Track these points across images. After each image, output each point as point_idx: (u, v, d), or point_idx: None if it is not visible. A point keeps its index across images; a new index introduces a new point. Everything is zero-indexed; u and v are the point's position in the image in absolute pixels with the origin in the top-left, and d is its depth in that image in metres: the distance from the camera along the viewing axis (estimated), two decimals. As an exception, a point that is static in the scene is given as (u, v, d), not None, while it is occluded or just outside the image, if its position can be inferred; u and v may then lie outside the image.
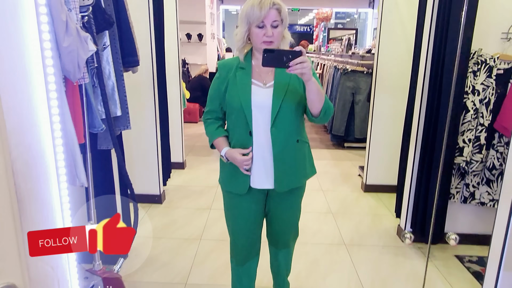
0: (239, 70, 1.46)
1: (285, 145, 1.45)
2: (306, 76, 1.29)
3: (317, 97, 1.36)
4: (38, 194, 0.68)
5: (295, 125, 1.48)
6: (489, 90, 2.33)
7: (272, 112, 1.41)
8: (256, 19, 1.35)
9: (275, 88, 1.43)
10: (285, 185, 1.50)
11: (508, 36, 2.29)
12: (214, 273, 2.23)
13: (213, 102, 1.54)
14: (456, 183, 2.54)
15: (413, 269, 2.35)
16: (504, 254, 1.65)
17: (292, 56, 1.26)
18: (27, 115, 0.65)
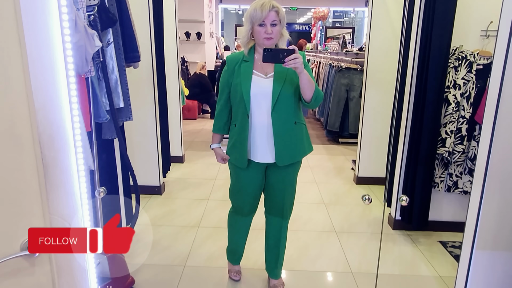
0: (243, 63, 1.74)
1: (284, 126, 1.71)
2: (299, 69, 1.56)
3: (308, 85, 1.63)
4: (59, 161, 0.82)
5: (293, 110, 1.73)
6: (470, 84, 2.47)
7: (273, 99, 1.68)
8: (258, 19, 1.62)
9: (275, 79, 1.69)
10: (285, 160, 1.76)
11: (487, 33, 2.43)
12: (211, 257, 2.37)
13: (224, 91, 1.82)
14: (440, 173, 2.69)
15: (400, 253, 2.49)
16: (477, 234, 1.80)
17: (287, 53, 1.53)
18: (51, 95, 0.79)
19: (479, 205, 1.77)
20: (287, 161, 1.76)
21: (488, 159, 1.72)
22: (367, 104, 3.52)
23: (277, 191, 1.88)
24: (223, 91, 1.82)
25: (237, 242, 2.09)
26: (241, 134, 1.75)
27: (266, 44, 1.64)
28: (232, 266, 2.17)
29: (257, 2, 1.64)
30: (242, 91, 1.69)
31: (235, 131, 1.79)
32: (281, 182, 1.85)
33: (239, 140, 1.77)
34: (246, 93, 1.69)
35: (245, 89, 1.69)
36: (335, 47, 8.53)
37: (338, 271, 2.27)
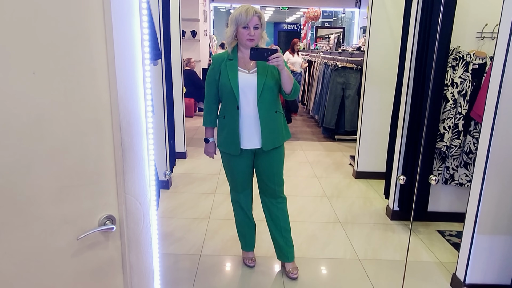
0: (228, 61, 1.94)
1: (268, 115, 1.95)
2: (280, 66, 1.83)
3: (288, 80, 1.90)
4: (135, 146, 0.91)
5: (274, 100, 1.97)
6: (466, 82, 2.64)
7: (257, 91, 1.91)
8: (242, 22, 1.85)
9: (258, 73, 1.92)
10: (269, 145, 1.98)
11: (482, 35, 2.61)
12: (224, 246, 2.47)
13: (210, 87, 2.01)
14: (437, 166, 2.85)
15: (400, 241, 2.65)
16: (478, 220, 1.96)
17: (271, 52, 1.79)
18: (131, 87, 0.88)
19: (480, 192, 1.93)
20: (271, 145, 1.99)
21: (489, 150, 1.88)
22: (366, 101, 3.67)
23: (266, 173, 2.09)
24: (210, 88, 2.01)
25: (243, 222, 2.22)
26: (232, 124, 1.95)
27: (248, 45, 1.87)
28: (246, 253, 2.28)
29: (242, 7, 1.87)
30: (232, 85, 1.90)
31: (225, 123, 1.99)
32: (269, 165, 2.07)
33: (231, 130, 1.96)
34: (235, 87, 1.90)
35: (234, 83, 1.90)
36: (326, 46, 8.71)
37: (347, 258, 2.41)
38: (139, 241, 0.98)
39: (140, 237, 0.98)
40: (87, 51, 0.83)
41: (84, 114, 0.86)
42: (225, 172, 2.16)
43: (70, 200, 0.88)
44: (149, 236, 1.00)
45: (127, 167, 0.91)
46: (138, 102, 0.90)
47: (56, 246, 0.88)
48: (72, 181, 0.87)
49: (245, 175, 2.10)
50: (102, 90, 0.86)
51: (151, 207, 0.99)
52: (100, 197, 0.91)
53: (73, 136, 0.85)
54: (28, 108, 0.79)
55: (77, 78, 0.83)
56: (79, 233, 0.88)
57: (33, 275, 0.88)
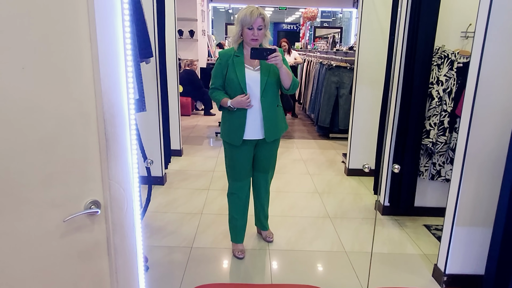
0: (235, 57, 2.10)
1: (270, 109, 2.13)
2: (279, 64, 2.00)
3: (287, 76, 2.08)
4: (118, 136, 0.99)
5: (275, 95, 2.16)
6: (451, 81, 2.72)
7: (261, 86, 2.09)
8: (247, 24, 2.01)
9: (262, 71, 2.10)
10: (272, 136, 2.17)
11: (466, 34, 2.68)
12: (215, 239, 2.55)
13: (217, 79, 2.16)
14: (424, 162, 2.93)
15: (388, 235, 2.72)
16: (456, 212, 2.03)
17: (270, 52, 1.96)
18: (114, 81, 0.95)
19: (458, 186, 2.01)
20: (273, 137, 2.18)
21: (466, 146, 1.95)
22: (357, 100, 3.75)
23: (264, 161, 2.31)
24: (216, 79, 2.16)
25: (237, 213, 2.34)
26: (239, 116, 2.10)
27: (252, 44, 2.04)
28: (236, 245, 2.36)
29: (248, 9, 2.01)
30: (239, 80, 2.06)
31: (232, 114, 2.12)
32: (268, 154, 2.29)
33: (237, 121, 2.11)
34: (242, 82, 2.07)
35: (241, 79, 2.07)
36: (324, 46, 8.79)
37: (333, 250, 2.48)
38: (123, 225, 1.06)
39: (123, 221, 1.06)
40: (73, 48, 0.91)
41: (70, 106, 0.93)
42: (226, 163, 2.29)
43: (58, 185, 0.95)
44: (132, 220, 1.07)
45: (111, 155, 0.99)
46: (121, 96, 0.98)
47: (45, 227, 0.96)
48: (59, 167, 0.95)
49: (246, 164, 2.25)
50: (87, 85, 0.94)
51: (135, 193, 1.07)
52: (86, 183, 0.99)
53: (60, 126, 0.93)
54: (18, 100, 0.87)
55: (64, 73, 0.91)
56: (66, 216, 0.96)
57: (23, 255, 0.95)
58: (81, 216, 0.99)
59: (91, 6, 0.89)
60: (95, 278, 1.07)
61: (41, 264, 0.99)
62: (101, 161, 0.99)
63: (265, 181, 2.39)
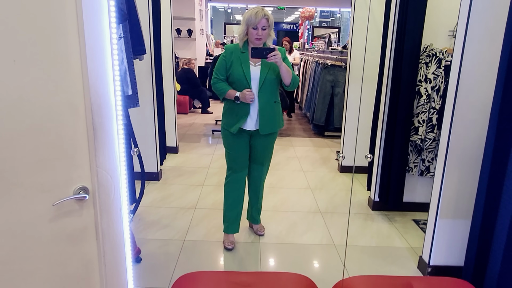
0: (241, 54, 2.23)
1: (266, 104, 2.24)
2: (278, 62, 2.13)
3: (287, 74, 2.20)
4: (105, 126, 1.05)
5: (274, 91, 2.28)
6: (439, 78, 2.78)
7: (260, 82, 2.21)
8: (252, 24, 2.14)
9: (261, 68, 2.22)
10: (266, 130, 2.28)
11: (454, 33, 2.74)
12: (208, 233, 2.62)
13: (220, 72, 2.27)
14: (414, 159, 2.99)
15: (378, 229, 2.79)
16: (440, 204, 2.09)
17: (269, 51, 2.10)
18: (101, 74, 1.02)
19: (441, 180, 2.07)
20: (267, 130, 2.28)
21: (449, 141, 2.02)
22: (350, 98, 3.81)
23: (259, 153, 2.41)
24: (220, 72, 2.25)
25: (231, 203, 2.42)
26: (243, 107, 2.22)
27: (256, 43, 2.17)
28: (227, 236, 2.43)
29: (253, 9, 2.15)
30: (246, 76, 2.20)
31: (234, 105, 2.24)
32: (262, 146, 2.38)
33: (240, 111, 2.23)
34: (248, 78, 2.20)
35: (248, 75, 2.20)
36: (322, 45, 8.84)
37: (323, 243, 2.55)
38: (110, 211, 1.12)
39: (111, 207, 1.12)
40: (62, 43, 0.97)
41: (59, 97, 1.00)
42: (226, 153, 2.41)
43: (47, 171, 1.02)
44: (119, 206, 1.13)
45: (98, 144, 1.05)
46: (108, 88, 1.04)
47: (35, 211, 1.02)
48: (49, 154, 1.01)
49: (242, 154, 2.36)
50: (75, 77, 1.00)
51: (122, 180, 1.13)
52: (74, 170, 1.05)
53: (50, 116, 0.99)
54: (9, 91, 0.93)
55: (54, 66, 0.97)
56: (55, 201, 1.02)
57: (13, 238, 1.01)
58: (70, 201, 1.05)
59: (79, 2, 0.95)
60: (84, 261, 1.13)
61: (30, 247, 1.05)
62: (89, 150, 1.05)
63: (260, 173, 2.48)
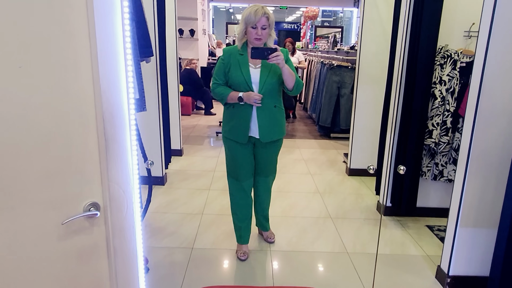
0: (239, 56, 2.06)
1: (266, 109, 2.07)
2: (280, 64, 1.94)
3: (289, 77, 2.01)
4: (118, 136, 0.97)
5: (275, 95, 2.10)
6: (454, 80, 2.69)
7: (259, 86, 2.04)
8: (251, 23, 1.96)
9: (262, 70, 2.05)
10: (266, 137, 2.12)
11: (469, 34, 2.66)
12: (216, 240, 2.53)
13: (220, 76, 2.12)
14: (427, 163, 2.90)
15: (391, 236, 2.70)
16: (460, 213, 2.01)
17: (271, 51, 1.90)
18: (114, 80, 0.93)
19: (462, 186, 1.98)
20: (269, 138, 2.12)
21: (470, 145, 1.93)
22: (359, 100, 3.72)
23: (262, 162, 2.27)
24: (219, 76, 2.11)
25: (240, 214, 2.30)
26: (244, 114, 2.06)
27: (256, 43, 2.00)
28: (240, 246, 2.34)
29: (252, 7, 1.97)
30: (245, 79, 2.03)
31: (235, 112, 2.08)
32: (265, 156, 2.24)
33: (242, 118, 2.07)
34: (249, 81, 2.03)
35: (247, 77, 2.03)
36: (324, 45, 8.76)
37: (335, 251, 2.46)
38: (123, 227, 1.04)
39: (123, 223, 1.04)
40: (71, 47, 0.89)
41: (68, 105, 0.91)
42: (227, 163, 2.26)
43: (56, 186, 0.93)
44: (132, 222, 1.05)
45: (110, 156, 0.97)
46: (121, 95, 0.95)
47: (43, 229, 0.94)
48: (58, 168, 0.93)
49: (248, 162, 2.22)
50: (86, 84, 0.92)
51: (135, 195, 1.05)
52: (84, 184, 0.97)
53: (58, 126, 0.91)
54: (15, 100, 0.85)
55: (62, 72, 0.89)
56: (64, 218, 0.94)
57: (20, 257, 0.93)
58: (80, 219, 0.97)
59: (90, 3, 0.87)
60: (94, 281, 1.05)
61: (38, 266, 0.96)
62: (101, 162, 0.97)
63: (266, 185, 2.36)
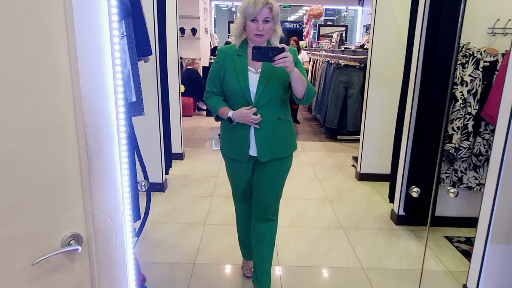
0: (236, 57, 1.68)
1: (266, 122, 1.67)
2: (289, 68, 1.52)
3: (299, 84, 1.59)
4: (103, 153, 0.78)
5: (277, 105, 1.69)
6: (476, 81, 2.50)
7: (256, 94, 1.65)
8: (250, 15, 1.57)
9: (261, 75, 1.66)
10: (266, 155, 1.73)
11: (493, 31, 2.46)
12: (220, 254, 2.34)
13: (214, 83, 1.75)
14: (445, 169, 2.71)
15: (406, 248, 2.51)
16: (491, 228, 1.82)
17: (277, 52, 1.51)
18: (97, 85, 0.75)
19: (493, 199, 1.79)
20: (268, 156, 1.73)
21: (504, 154, 1.74)
22: (370, 101, 3.53)
23: (261, 188, 1.81)
24: (213, 83, 1.75)
25: (245, 234, 2.06)
26: (242, 129, 1.71)
27: (256, 41, 1.62)
28: (246, 262, 2.15)
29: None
30: (242, 87, 1.65)
31: (232, 126, 1.72)
32: (266, 178, 1.79)
33: (240, 134, 1.72)
34: (246, 90, 1.66)
35: (244, 85, 1.65)
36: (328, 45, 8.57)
37: (349, 266, 2.27)
38: (111, 263, 0.85)
39: (112, 258, 0.85)
40: (44, 42, 0.70)
41: (43, 116, 0.73)
42: (230, 182, 1.97)
43: (27, 218, 0.75)
44: (123, 256, 0.87)
45: (94, 178, 0.78)
46: (107, 103, 0.77)
47: (11, 270, 0.75)
48: (29, 195, 0.74)
49: (243, 183, 1.88)
50: (63, 89, 0.73)
51: (126, 223, 0.86)
52: (63, 213, 0.79)
53: (29, 141, 0.72)
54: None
55: (32, 75, 0.70)
56: (38, 255, 0.76)
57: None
58: (58, 255, 0.79)
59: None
60: (77, 327, 0.87)
61: (7, 314, 0.78)
62: (83, 185, 0.78)
63: (264, 229, 1.86)
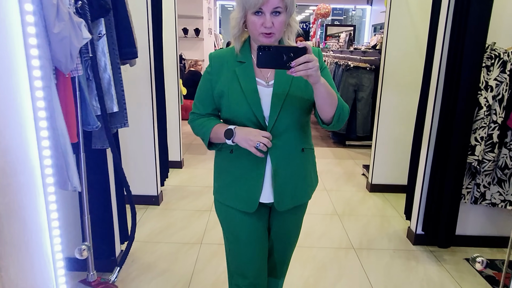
0: (238, 65, 1.19)
1: (286, 156, 1.21)
2: (313, 77, 1.00)
3: (327, 101, 1.09)
4: (19, 209, 0.55)
5: (299, 132, 1.22)
6: (503, 86, 2.23)
7: (270, 116, 1.17)
8: (252, 6, 1.07)
9: (275, 89, 1.17)
10: (287, 203, 1.26)
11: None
12: (217, 280, 2.11)
13: (203, 102, 1.25)
14: (466, 183, 2.44)
15: (426, 273, 2.25)
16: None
17: (294, 54, 0.97)
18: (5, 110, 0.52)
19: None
20: (288, 204, 1.26)
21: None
22: (383, 106, 3.27)
23: (277, 245, 1.38)
24: (203, 105, 1.25)
25: None
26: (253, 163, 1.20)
27: (263, 42, 1.11)
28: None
29: None
30: (251, 107, 1.15)
31: (235, 159, 1.23)
32: (286, 233, 1.36)
33: (250, 170, 1.21)
34: (257, 110, 1.16)
35: (254, 103, 1.15)
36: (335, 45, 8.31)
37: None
38: None
39: None
40: None
41: None
42: (227, 252, 1.37)
43: None
44: None
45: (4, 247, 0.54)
46: (21, 137, 0.53)
47: None
48: None
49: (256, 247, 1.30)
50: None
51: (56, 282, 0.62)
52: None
53: None
54: None
55: None
56: None
57: None
58: None
59: None
60: None
61: None
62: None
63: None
